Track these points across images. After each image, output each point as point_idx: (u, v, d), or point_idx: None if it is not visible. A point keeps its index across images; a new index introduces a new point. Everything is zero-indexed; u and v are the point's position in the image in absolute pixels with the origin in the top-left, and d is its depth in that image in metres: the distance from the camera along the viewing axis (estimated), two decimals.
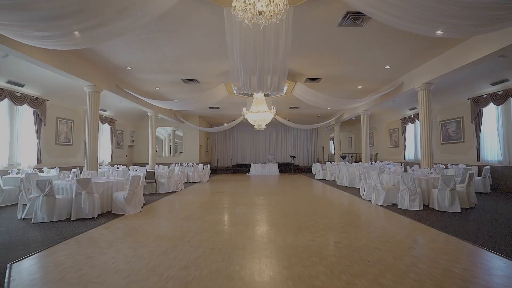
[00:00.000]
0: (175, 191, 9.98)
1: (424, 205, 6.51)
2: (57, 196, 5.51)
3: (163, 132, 20.84)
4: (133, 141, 18.39)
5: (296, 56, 8.12)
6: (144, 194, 9.09)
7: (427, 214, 5.82)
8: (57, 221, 5.29)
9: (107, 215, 5.97)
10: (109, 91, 9.73)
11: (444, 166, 9.77)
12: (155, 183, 9.47)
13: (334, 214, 5.95)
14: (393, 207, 6.66)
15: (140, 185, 6.80)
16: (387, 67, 9.18)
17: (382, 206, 6.83)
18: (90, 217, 5.56)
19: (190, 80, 10.50)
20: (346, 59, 8.54)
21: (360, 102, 10.82)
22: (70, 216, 5.53)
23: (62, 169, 10.46)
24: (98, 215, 5.85)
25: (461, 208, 6.01)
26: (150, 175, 9.29)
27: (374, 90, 12.25)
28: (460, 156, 11.17)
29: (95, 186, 6.03)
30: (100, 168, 11.72)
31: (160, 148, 20.58)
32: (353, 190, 9.75)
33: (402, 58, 8.39)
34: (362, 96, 12.60)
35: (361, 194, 8.28)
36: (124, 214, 6.02)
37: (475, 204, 6.59)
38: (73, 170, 9.69)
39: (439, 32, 4.55)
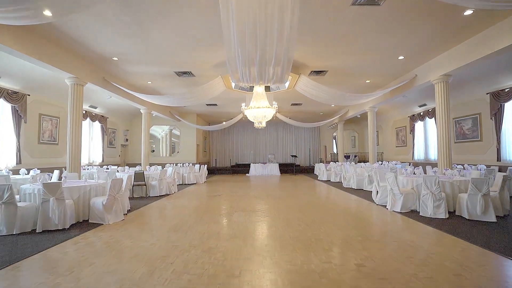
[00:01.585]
0: (168, 194, 9.13)
1: (448, 211, 5.66)
2: (19, 204, 4.64)
3: (160, 131, 20.01)
4: (126, 140, 17.52)
5: (301, 43, 7.26)
6: (133, 198, 8.28)
7: (457, 223, 4.97)
8: (18, 234, 4.42)
9: (83, 225, 5.11)
10: (95, 84, 8.87)
11: (462, 167, 8.90)
12: (145, 185, 8.61)
13: (347, 224, 5.10)
14: (413, 214, 5.81)
15: (123, 190, 5.94)
16: (401, 57, 8.32)
17: (400, 212, 5.98)
18: (60, 228, 4.70)
19: (184, 73, 9.64)
20: (356, 48, 7.67)
21: (369, 97, 9.97)
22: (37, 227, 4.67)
23: (44, 170, 9.59)
24: (72, 225, 5.00)
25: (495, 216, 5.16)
26: (139, 176, 8.43)
27: (383, 85, 11.40)
28: (477, 156, 10.32)
29: (69, 190, 5.18)
30: (87, 169, 10.89)
31: (157, 148, 19.76)
32: (363, 193, 8.90)
33: (418, 47, 7.53)
34: (369, 92, 11.75)
35: (374, 198, 7.44)
36: (102, 224, 5.17)
37: (508, 211, 5.74)
38: (55, 171, 8.85)
39: (477, 2, 3.69)
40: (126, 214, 6.04)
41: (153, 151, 19.29)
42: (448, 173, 6.48)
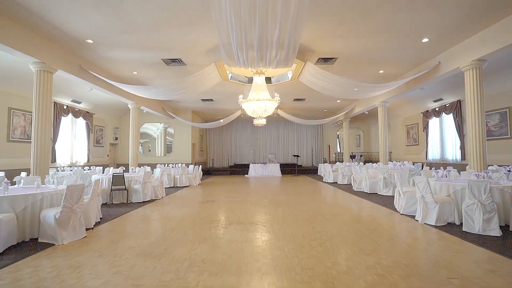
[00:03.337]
0: (153, 200, 7.90)
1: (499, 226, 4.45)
2: None
3: (155, 130, 18.79)
4: (116, 138, 16.28)
5: (308, 21, 6.02)
6: (111, 205, 7.09)
7: None
8: None
9: (26, 246, 3.89)
10: (69, 72, 7.61)
11: (495, 168, 7.69)
12: (126, 190, 7.37)
13: (375, 244, 3.88)
14: (453, 228, 4.61)
15: (89, 198, 4.72)
16: (425, 40, 7.09)
17: (436, 226, 4.78)
18: None
19: (173, 60, 8.41)
20: (374, 28, 6.44)
21: (385, 88, 8.75)
22: None
23: (14, 172, 8.39)
24: (10, 247, 3.77)
25: None
26: (118, 180, 7.20)
27: (398, 76, 10.18)
28: (506, 156, 9.12)
29: (10, 200, 3.97)
30: (64, 171, 9.70)
31: (153, 147, 18.51)
32: (378, 199, 7.70)
33: (448, 26, 6.30)
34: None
35: (396, 206, 6.24)
36: (54, 245, 3.95)
37: None
38: (22, 173, 7.65)
39: None
40: (92, 228, 4.82)
41: (150, 150, 18.13)
42: (495, 177, 5.23)
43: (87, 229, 4.64)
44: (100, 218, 5.50)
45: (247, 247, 3.86)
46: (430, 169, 9.73)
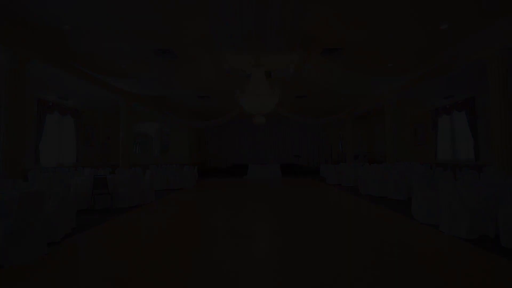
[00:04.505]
0: (141, 205, 7.13)
1: None
2: None
3: (152, 129, 18.03)
4: (108, 137, 15.49)
5: (313, 6, 5.24)
6: (93, 210, 6.33)
7: None
8: None
9: None
10: (45, 63, 6.84)
11: None
12: (109, 194, 6.59)
13: (405, 272, 3.10)
14: (490, 243, 3.83)
15: (53, 206, 3.95)
16: (444, 26, 6.31)
17: (466, 240, 4.00)
18: None
19: (164, 51, 7.63)
20: (384, 13, 5.65)
21: (395, 82, 7.97)
22: None
23: None
24: None
25: None
26: (100, 183, 6.42)
27: (409, 69, 9.38)
28: None
29: None
30: (47, 172, 8.92)
31: (150, 147, 17.75)
32: (390, 204, 6.94)
33: (472, 8, 5.53)
34: (390, 79, 9.72)
35: (414, 213, 5.46)
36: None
37: None
38: None
39: None
40: (58, 242, 4.04)
41: (148, 150, 17.38)
42: None
43: (51, 243, 3.87)
44: (73, 228, 4.73)
45: (240, 278, 3.08)
46: (445, 170, 8.97)
